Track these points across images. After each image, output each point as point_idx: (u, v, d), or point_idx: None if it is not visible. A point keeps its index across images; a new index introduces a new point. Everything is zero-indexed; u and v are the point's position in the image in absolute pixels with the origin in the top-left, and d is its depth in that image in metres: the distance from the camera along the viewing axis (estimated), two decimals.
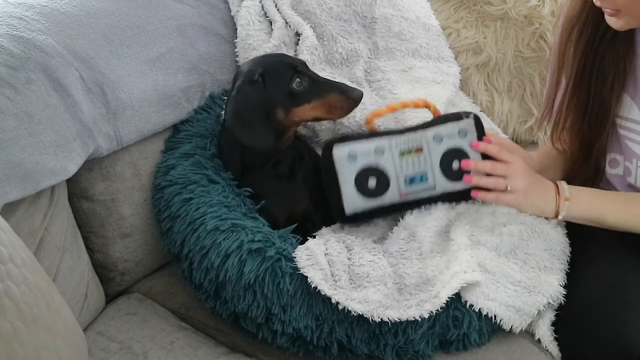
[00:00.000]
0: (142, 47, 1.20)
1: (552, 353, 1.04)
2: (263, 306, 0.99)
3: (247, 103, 1.09)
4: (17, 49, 1.01)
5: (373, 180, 1.09)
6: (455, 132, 1.10)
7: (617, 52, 1.11)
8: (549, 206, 1.10)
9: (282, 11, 1.39)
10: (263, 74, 1.09)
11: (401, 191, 1.09)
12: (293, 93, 1.10)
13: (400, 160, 1.09)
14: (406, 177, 1.09)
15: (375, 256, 1.05)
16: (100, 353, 1.05)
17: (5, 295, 0.67)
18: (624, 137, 1.14)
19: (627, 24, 1.03)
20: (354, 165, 1.09)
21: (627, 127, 1.13)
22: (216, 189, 1.12)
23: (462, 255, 1.02)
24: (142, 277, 1.26)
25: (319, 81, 1.12)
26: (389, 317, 0.94)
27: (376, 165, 1.09)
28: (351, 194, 1.09)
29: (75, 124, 1.07)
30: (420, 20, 1.48)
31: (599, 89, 1.13)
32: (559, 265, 1.06)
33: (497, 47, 1.52)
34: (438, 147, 1.10)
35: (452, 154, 1.10)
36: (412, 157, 1.09)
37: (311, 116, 1.13)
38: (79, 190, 1.15)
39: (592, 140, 1.18)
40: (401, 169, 1.09)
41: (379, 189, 1.09)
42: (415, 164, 1.09)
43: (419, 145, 1.10)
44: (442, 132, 1.10)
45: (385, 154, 1.09)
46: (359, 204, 1.09)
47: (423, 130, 1.11)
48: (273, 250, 1.01)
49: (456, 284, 0.97)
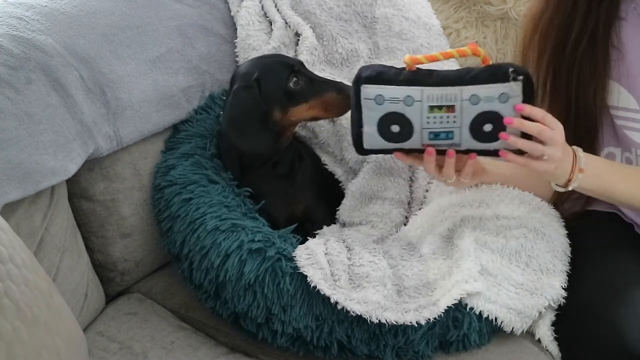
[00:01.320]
0: (142, 47, 1.20)
1: (552, 353, 1.04)
2: (263, 306, 0.99)
3: (242, 108, 1.09)
4: (17, 49, 1.01)
5: (397, 127, 1.02)
6: (496, 96, 0.99)
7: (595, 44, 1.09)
8: (564, 177, 1.04)
9: (282, 11, 1.39)
10: (259, 78, 1.09)
11: (424, 142, 1.02)
12: (290, 93, 1.10)
13: (429, 114, 1.01)
14: (431, 131, 1.02)
15: (375, 257, 1.05)
16: (100, 353, 1.05)
17: (5, 295, 0.67)
18: (622, 127, 1.13)
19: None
20: (380, 108, 1.01)
21: (625, 117, 1.12)
22: (216, 189, 1.12)
23: (465, 263, 1.01)
24: (142, 277, 1.26)
25: (316, 80, 1.12)
26: (387, 319, 0.94)
27: (402, 113, 1.01)
28: (372, 133, 1.03)
29: (75, 124, 1.07)
30: (421, 20, 1.48)
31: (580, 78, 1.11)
32: (560, 266, 1.06)
33: (497, 47, 1.52)
34: (472, 108, 1.00)
35: (485, 116, 1.00)
36: (442, 114, 1.00)
37: (309, 116, 1.13)
38: (79, 190, 1.15)
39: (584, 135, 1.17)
40: (428, 123, 1.01)
41: (401, 136, 1.02)
42: (444, 121, 1.01)
43: (452, 103, 1.00)
44: (480, 94, 0.99)
45: (414, 105, 1.01)
46: (378, 144, 1.03)
47: (460, 87, 1.00)
48: (273, 250, 1.01)
49: (456, 294, 0.97)
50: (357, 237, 1.13)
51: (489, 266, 1.03)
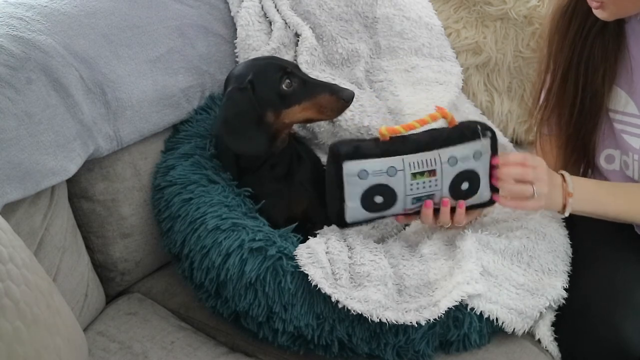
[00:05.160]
0: (142, 47, 1.20)
1: (552, 353, 1.04)
2: (264, 305, 0.99)
3: (236, 110, 1.09)
4: (17, 49, 1.01)
5: (380, 198, 1.04)
6: (471, 155, 1.04)
7: (606, 44, 1.11)
8: (558, 205, 1.08)
9: (282, 12, 1.39)
10: (252, 80, 1.09)
11: (406, 208, 1.06)
12: (283, 95, 1.10)
13: (412, 180, 1.04)
14: (414, 197, 1.05)
15: (376, 256, 1.05)
16: (100, 353, 1.05)
17: (5, 295, 0.67)
18: (621, 131, 1.14)
19: (612, 15, 1.04)
20: (364, 182, 1.03)
21: (624, 122, 1.13)
22: (216, 189, 1.12)
23: (467, 264, 1.01)
24: (142, 277, 1.26)
25: (309, 82, 1.12)
26: (388, 318, 0.94)
27: (387, 184, 1.04)
28: (355, 207, 1.05)
29: (75, 124, 1.07)
30: (422, 20, 1.48)
31: (589, 80, 1.13)
32: (562, 267, 1.07)
33: (497, 47, 1.52)
34: (451, 170, 1.04)
35: (463, 176, 1.05)
36: (425, 179, 1.04)
37: (302, 117, 1.13)
38: (79, 190, 1.15)
39: (587, 135, 1.17)
40: (411, 190, 1.04)
41: (385, 205, 1.05)
42: (427, 185, 1.04)
43: (433, 167, 1.03)
44: (457, 155, 1.04)
45: (398, 175, 1.03)
46: (361, 216, 1.07)
47: (438, 150, 1.04)
48: (274, 249, 1.01)
49: (457, 296, 0.98)
50: (358, 236, 1.13)
51: (490, 267, 1.04)
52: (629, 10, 1.04)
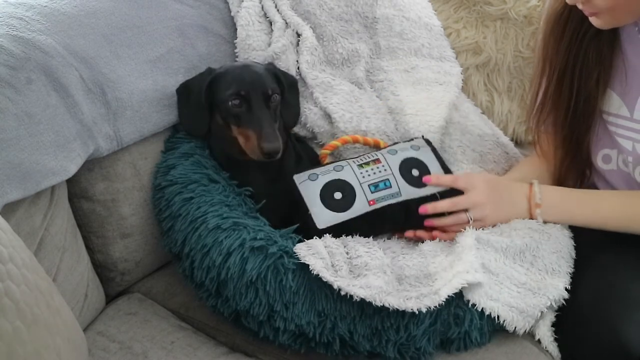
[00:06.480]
0: (142, 47, 1.20)
1: (552, 354, 1.04)
2: (265, 303, 0.99)
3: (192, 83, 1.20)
4: (17, 49, 1.01)
5: (339, 193, 1.11)
6: (408, 147, 1.17)
7: (601, 48, 1.11)
8: (522, 214, 1.12)
9: (282, 12, 1.39)
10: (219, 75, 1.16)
11: (368, 199, 1.10)
12: (228, 109, 1.13)
13: (360, 169, 1.13)
14: (370, 184, 1.12)
15: (371, 248, 1.06)
16: (100, 353, 1.05)
17: (5, 295, 0.67)
18: (614, 133, 1.14)
19: (607, 24, 1.04)
20: (316, 183, 1.12)
21: (617, 124, 1.13)
22: (217, 188, 1.12)
23: (467, 256, 1.02)
24: (142, 277, 1.26)
25: (254, 115, 1.12)
26: (390, 303, 0.94)
27: (338, 177, 1.12)
28: (319, 210, 1.10)
29: (75, 124, 1.06)
30: (422, 20, 1.48)
31: (584, 83, 1.13)
32: (566, 268, 1.07)
33: (497, 47, 1.52)
34: (394, 158, 1.15)
35: (409, 163, 1.14)
36: (371, 167, 1.13)
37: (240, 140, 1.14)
38: (79, 190, 1.15)
39: (581, 136, 1.17)
40: (363, 177, 1.12)
41: (346, 200, 1.11)
42: (376, 172, 1.13)
43: (375, 157, 1.15)
44: (395, 148, 1.17)
45: (345, 169, 1.13)
46: (330, 218, 1.10)
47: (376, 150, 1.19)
48: (275, 248, 1.01)
49: (457, 284, 0.97)
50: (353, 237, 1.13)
51: (491, 265, 1.04)
52: (625, 20, 1.05)
